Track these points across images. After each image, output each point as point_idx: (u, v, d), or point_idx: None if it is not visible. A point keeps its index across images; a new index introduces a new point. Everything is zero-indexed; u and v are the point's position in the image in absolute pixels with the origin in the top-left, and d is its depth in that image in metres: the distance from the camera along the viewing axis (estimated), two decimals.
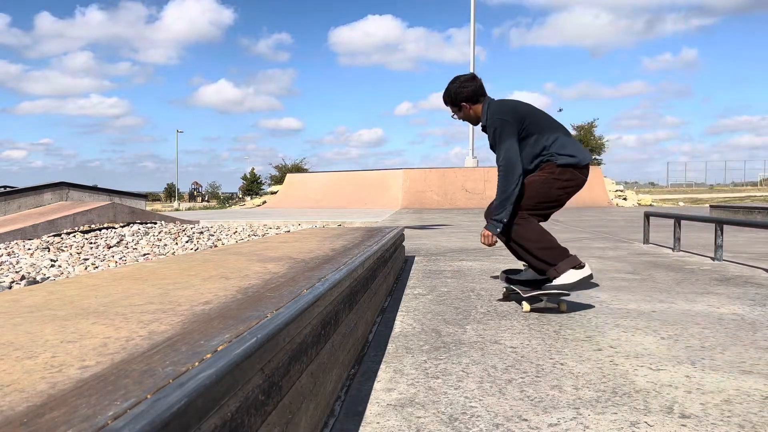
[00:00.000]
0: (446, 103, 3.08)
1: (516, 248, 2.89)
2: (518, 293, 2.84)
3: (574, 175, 2.84)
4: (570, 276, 2.73)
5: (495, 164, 2.91)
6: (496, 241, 2.89)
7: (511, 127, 2.84)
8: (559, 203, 2.91)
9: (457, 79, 3.02)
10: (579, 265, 2.75)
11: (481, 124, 3.01)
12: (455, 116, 3.09)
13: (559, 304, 2.83)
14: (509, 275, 3.02)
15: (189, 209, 32.23)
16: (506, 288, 3.05)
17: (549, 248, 2.80)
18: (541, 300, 2.82)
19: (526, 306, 2.82)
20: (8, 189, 15.60)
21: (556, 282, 2.73)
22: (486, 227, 2.90)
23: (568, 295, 2.81)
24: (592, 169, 23.67)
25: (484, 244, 2.91)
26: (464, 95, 2.97)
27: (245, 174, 47.34)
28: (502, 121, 2.86)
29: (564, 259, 2.76)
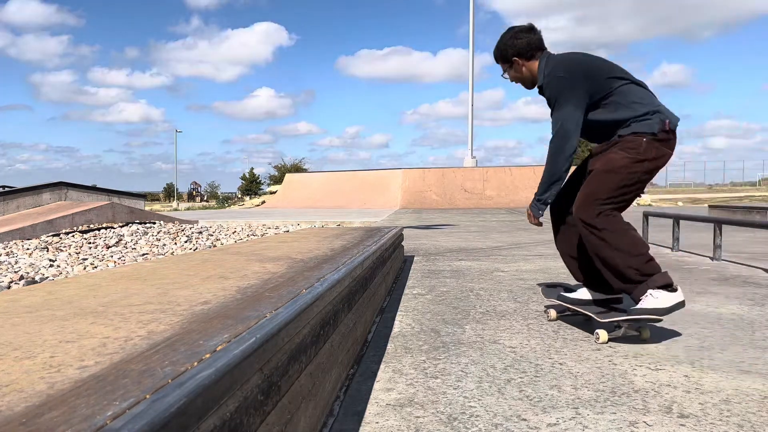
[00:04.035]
0: (497, 58, 2.54)
1: (592, 259, 2.31)
2: (589, 316, 2.30)
3: (661, 152, 2.22)
4: (664, 299, 2.10)
5: (492, 164, 2.77)
6: (542, 223, 2.47)
7: (573, 88, 2.26)
8: (641, 189, 2.32)
9: (511, 29, 2.49)
10: (671, 286, 2.13)
11: (537, 85, 2.43)
12: (506, 75, 2.55)
13: (641, 331, 2.22)
14: (562, 293, 2.52)
15: (188, 209, 32.21)
16: (554, 307, 2.58)
17: (640, 258, 2.17)
18: (621, 327, 2.18)
19: (603, 335, 2.18)
20: (7, 189, 15.58)
21: (645, 305, 2.11)
22: (529, 207, 2.47)
23: (660, 320, 2.20)
24: None
25: (531, 223, 2.48)
26: (517, 48, 2.42)
27: (244, 174, 47.36)
28: (562, 78, 2.28)
29: (655, 274, 2.15)
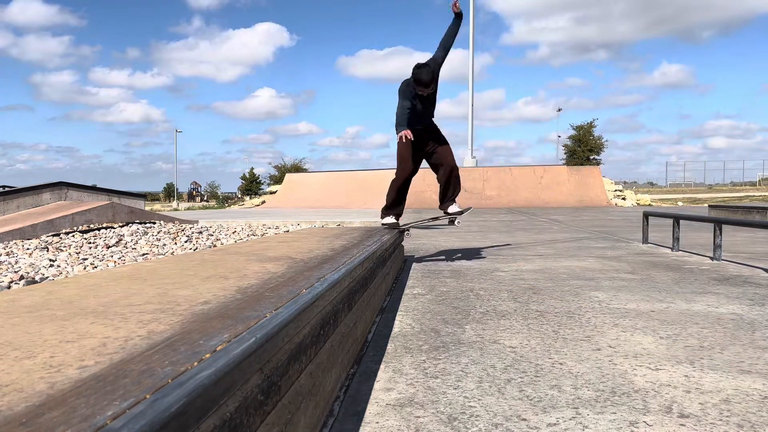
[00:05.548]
0: (431, 82, 4.18)
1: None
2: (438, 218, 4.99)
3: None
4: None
5: (492, 164, 4.04)
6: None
7: None
8: None
9: (426, 65, 4.20)
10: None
11: (430, 92, 4.29)
12: (429, 91, 4.24)
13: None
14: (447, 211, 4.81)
15: (188, 209, 32.20)
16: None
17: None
18: (455, 220, 4.84)
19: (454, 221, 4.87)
20: (7, 189, 15.58)
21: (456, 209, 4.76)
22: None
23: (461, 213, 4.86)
24: (591, 169, 23.72)
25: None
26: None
27: (244, 174, 47.38)
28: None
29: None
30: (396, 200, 4.73)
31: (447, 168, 4.56)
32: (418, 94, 4.25)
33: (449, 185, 4.64)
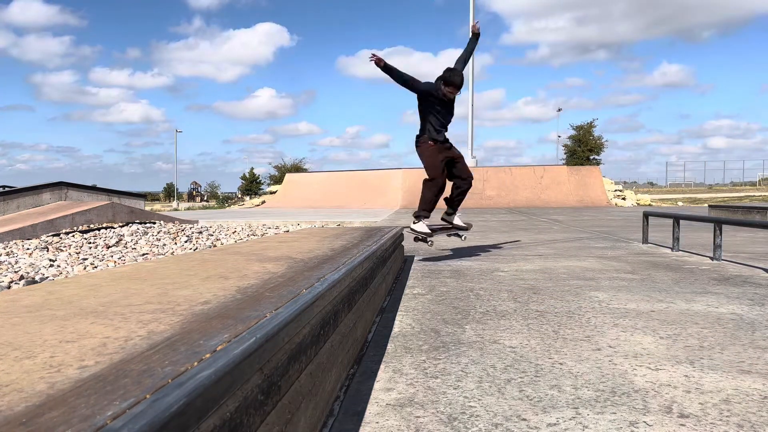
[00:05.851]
0: (461, 84, 4.48)
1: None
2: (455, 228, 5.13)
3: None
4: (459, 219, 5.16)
5: (492, 164, 4.07)
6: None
7: None
8: None
9: (456, 69, 4.53)
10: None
11: (458, 92, 4.57)
12: (457, 93, 4.52)
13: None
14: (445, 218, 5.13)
15: (188, 209, 32.19)
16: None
17: None
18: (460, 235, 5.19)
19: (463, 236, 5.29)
20: (7, 189, 15.58)
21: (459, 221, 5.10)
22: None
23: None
24: (591, 169, 23.73)
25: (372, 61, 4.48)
26: None
27: (244, 174, 47.40)
28: None
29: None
30: (434, 203, 4.86)
31: (469, 181, 4.89)
32: (443, 99, 4.49)
33: (462, 196, 4.98)
